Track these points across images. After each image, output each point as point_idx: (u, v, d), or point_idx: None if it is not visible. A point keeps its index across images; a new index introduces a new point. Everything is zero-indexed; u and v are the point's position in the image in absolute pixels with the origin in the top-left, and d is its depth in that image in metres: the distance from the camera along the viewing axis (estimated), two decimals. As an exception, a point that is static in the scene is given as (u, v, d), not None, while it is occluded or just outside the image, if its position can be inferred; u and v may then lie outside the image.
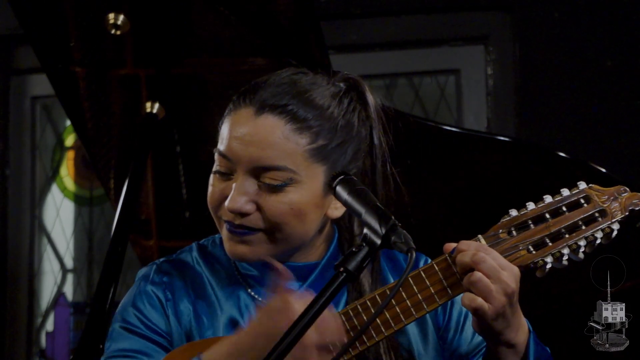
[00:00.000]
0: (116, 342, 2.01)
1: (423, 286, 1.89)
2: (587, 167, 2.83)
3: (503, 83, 4.57)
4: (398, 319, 1.88)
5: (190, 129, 3.11)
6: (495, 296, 1.82)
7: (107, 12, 2.85)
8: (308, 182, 1.94)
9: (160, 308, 2.02)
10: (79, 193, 5.17)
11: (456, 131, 3.09)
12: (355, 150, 2.00)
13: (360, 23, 4.68)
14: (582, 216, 1.89)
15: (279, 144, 1.93)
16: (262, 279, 2.03)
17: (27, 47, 4.19)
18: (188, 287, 2.04)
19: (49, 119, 5.16)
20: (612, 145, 4.34)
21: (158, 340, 2.01)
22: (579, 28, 4.43)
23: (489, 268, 1.83)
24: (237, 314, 2.01)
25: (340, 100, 2.00)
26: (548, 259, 1.88)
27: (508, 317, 1.84)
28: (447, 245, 1.91)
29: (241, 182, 1.94)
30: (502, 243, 1.89)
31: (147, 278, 2.05)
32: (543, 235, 1.88)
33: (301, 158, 1.93)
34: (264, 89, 1.98)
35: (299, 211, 1.94)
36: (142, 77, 2.99)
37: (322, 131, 1.95)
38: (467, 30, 4.64)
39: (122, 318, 2.03)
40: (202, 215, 3.03)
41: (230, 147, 1.95)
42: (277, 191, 1.93)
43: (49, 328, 5.07)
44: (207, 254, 2.09)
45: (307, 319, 1.67)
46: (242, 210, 1.94)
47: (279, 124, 1.93)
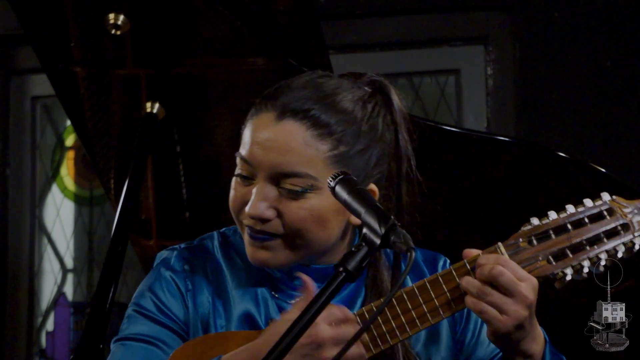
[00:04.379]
0: (132, 325, 2.00)
1: (440, 291, 1.88)
2: (587, 167, 2.82)
3: (503, 83, 4.57)
4: (414, 324, 1.88)
5: (190, 129, 3.10)
6: (511, 308, 1.81)
7: (107, 12, 2.85)
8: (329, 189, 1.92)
9: (179, 297, 2.00)
10: (79, 193, 5.17)
11: (456, 131, 3.08)
12: (380, 155, 1.99)
13: (360, 23, 4.68)
14: (604, 229, 1.87)
15: (299, 150, 1.91)
16: (284, 281, 2.02)
17: (27, 47, 4.19)
18: (208, 277, 2.02)
19: (49, 119, 5.16)
20: (612, 145, 4.34)
21: (174, 327, 1.99)
22: (579, 28, 4.43)
23: (506, 281, 1.82)
24: (253, 307, 2.00)
25: (364, 105, 1.98)
26: (568, 270, 1.87)
27: (525, 328, 1.84)
28: (466, 251, 1.89)
29: (261, 188, 1.93)
30: (521, 252, 1.88)
31: (168, 264, 2.03)
32: (564, 246, 1.87)
33: (322, 164, 1.92)
34: (286, 93, 1.96)
35: (320, 217, 1.92)
36: (142, 77, 2.99)
37: (344, 137, 1.93)
38: (467, 30, 4.64)
39: (138, 302, 2.01)
40: (202, 215, 3.04)
41: (252, 152, 1.94)
42: (298, 197, 1.92)
43: (49, 328, 5.07)
44: (228, 244, 2.07)
45: (307, 318, 1.67)
46: (263, 217, 1.93)
47: (300, 129, 1.92)
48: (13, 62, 5.07)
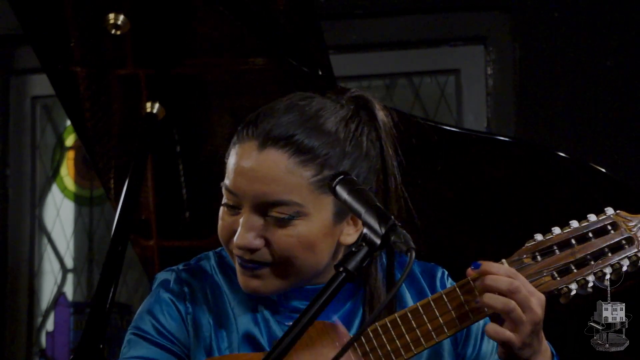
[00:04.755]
0: (132, 349, 1.99)
1: (444, 310, 1.87)
2: (587, 167, 2.82)
3: (503, 83, 4.57)
4: (418, 342, 1.87)
5: (190, 129, 3.10)
6: (526, 326, 1.81)
7: (107, 12, 2.85)
8: (316, 214, 1.91)
9: (179, 320, 2.00)
10: (79, 193, 5.17)
11: (456, 131, 3.08)
12: (367, 173, 1.97)
13: (360, 23, 4.68)
14: (608, 243, 1.87)
15: (283, 179, 1.90)
16: (281, 303, 2.01)
17: (27, 47, 4.19)
18: (208, 299, 2.02)
19: (49, 119, 5.16)
20: (612, 145, 4.34)
21: (175, 350, 1.98)
22: (579, 28, 4.42)
23: (522, 298, 1.81)
24: (254, 328, 1.99)
25: (347, 124, 1.96)
26: (572, 285, 1.87)
27: (534, 345, 1.83)
28: (470, 270, 1.88)
29: (248, 218, 1.92)
30: (526, 268, 1.87)
31: (167, 286, 2.02)
32: (568, 262, 1.87)
33: (307, 191, 1.90)
34: (267, 119, 1.93)
35: (308, 243, 1.91)
36: (142, 77, 2.99)
37: (328, 160, 1.92)
38: (467, 30, 4.64)
39: (137, 326, 2.00)
40: (202, 215, 3.04)
41: (236, 182, 1.92)
42: (285, 225, 1.90)
43: (49, 328, 5.07)
44: (225, 265, 2.06)
45: (307, 318, 1.67)
46: (251, 247, 1.92)
47: (283, 157, 1.90)
48: (13, 62, 5.07)
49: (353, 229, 1.97)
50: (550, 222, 1.96)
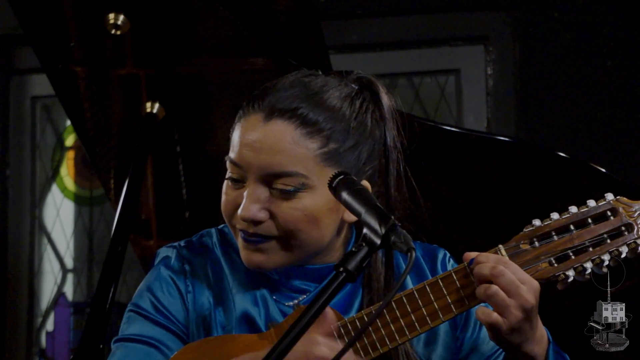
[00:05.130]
0: (131, 325, 1.99)
1: (440, 295, 1.86)
2: (587, 167, 2.82)
3: (503, 83, 4.57)
4: (413, 327, 1.86)
5: (190, 129, 3.10)
6: (512, 311, 1.80)
7: (107, 12, 2.85)
8: (321, 187, 1.90)
9: (179, 298, 1.99)
10: (79, 193, 5.17)
11: (456, 131, 3.08)
12: (370, 151, 1.97)
13: (360, 23, 4.68)
14: (607, 229, 1.85)
15: (289, 150, 1.90)
16: (280, 279, 2.01)
17: (27, 47, 4.19)
18: (209, 276, 2.01)
19: (49, 119, 5.16)
20: (612, 145, 4.34)
21: (173, 328, 1.98)
22: (579, 28, 4.42)
23: (507, 282, 1.80)
24: (252, 308, 1.99)
25: (352, 101, 1.97)
26: (570, 272, 1.85)
27: (526, 331, 1.82)
28: (466, 254, 1.87)
29: (253, 190, 1.91)
30: (523, 254, 1.86)
31: (168, 264, 2.02)
32: (566, 248, 1.85)
33: (313, 162, 1.90)
34: (272, 93, 1.95)
35: (313, 217, 1.91)
36: (142, 77, 2.99)
37: (333, 134, 1.92)
38: (467, 30, 4.64)
39: (136, 303, 2.00)
40: (202, 215, 3.04)
41: (241, 154, 1.93)
42: (290, 197, 1.90)
43: (49, 328, 5.07)
44: (227, 242, 2.05)
45: (307, 318, 1.67)
46: (255, 219, 1.91)
47: (289, 128, 1.90)
48: (13, 62, 5.07)
49: None
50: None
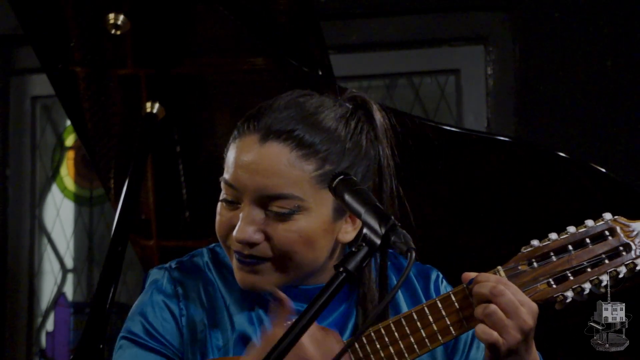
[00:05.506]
0: (125, 352, 1.97)
1: (439, 316, 1.85)
2: (587, 167, 2.82)
3: (503, 83, 4.57)
4: (411, 349, 1.86)
5: (190, 129, 3.10)
6: (510, 332, 1.79)
7: (107, 12, 2.85)
8: (316, 209, 1.91)
9: (173, 322, 1.99)
10: (79, 193, 5.17)
11: (456, 131, 3.08)
12: (365, 172, 1.97)
13: (360, 23, 4.68)
14: (605, 249, 1.85)
15: (284, 172, 1.89)
16: (275, 300, 1.97)
17: (27, 47, 4.19)
18: (202, 297, 2.00)
19: (49, 119, 5.16)
20: (612, 145, 4.34)
21: (168, 354, 1.97)
22: (579, 28, 4.42)
23: (507, 302, 1.79)
24: (249, 328, 1.98)
25: (347, 122, 1.97)
26: (569, 293, 1.85)
27: (522, 354, 1.82)
28: (465, 274, 1.87)
29: (248, 212, 1.91)
30: (521, 275, 1.86)
31: (160, 287, 2.01)
32: (565, 269, 1.85)
33: (308, 185, 1.90)
34: (268, 114, 1.94)
35: (308, 239, 1.91)
36: (142, 77, 2.99)
37: (329, 156, 1.92)
38: (467, 30, 4.64)
39: (129, 329, 1.99)
40: (202, 215, 3.04)
41: (236, 175, 1.92)
42: (285, 219, 1.90)
43: (49, 328, 5.07)
44: (219, 262, 2.04)
45: (306, 318, 1.67)
46: (251, 241, 1.91)
47: (284, 151, 1.90)
48: (13, 62, 5.07)
49: (351, 226, 1.97)
50: (550, 222, 1.96)
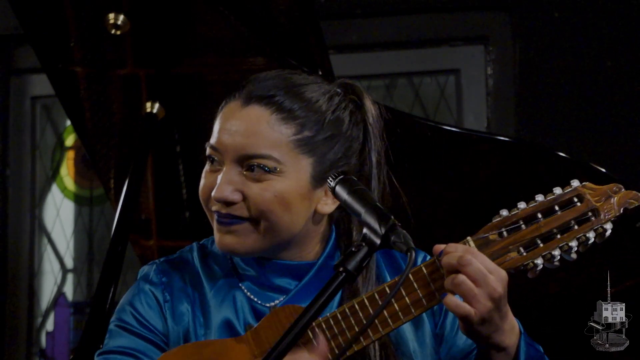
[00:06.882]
0: (113, 339, 2.03)
1: (411, 289, 1.85)
2: (587, 167, 2.82)
3: (503, 83, 4.57)
4: (386, 324, 1.86)
5: (190, 129, 3.11)
6: (480, 300, 1.80)
7: (107, 12, 2.85)
8: (293, 173, 1.95)
9: (157, 308, 2.04)
10: (79, 193, 5.17)
11: (456, 131, 3.09)
12: (346, 148, 2.00)
13: (360, 23, 4.68)
14: (574, 216, 1.84)
15: (263, 133, 1.95)
16: (259, 278, 2.03)
17: (27, 47, 4.19)
18: (187, 287, 2.05)
19: (49, 119, 5.16)
20: (612, 145, 4.34)
21: (153, 339, 2.02)
22: (579, 28, 4.43)
23: (475, 271, 1.80)
24: (232, 315, 2.01)
25: (331, 97, 2.02)
26: (538, 260, 1.84)
27: (496, 322, 1.82)
28: (436, 246, 1.88)
29: (227, 172, 1.98)
30: (491, 245, 1.86)
31: (147, 278, 2.07)
32: (534, 236, 1.84)
33: (286, 148, 1.96)
34: (252, 83, 2.01)
35: (284, 200, 1.95)
36: (142, 77, 2.99)
37: (307, 122, 1.97)
38: (467, 30, 4.64)
39: (119, 317, 2.05)
40: (202, 215, 3.03)
41: (219, 139, 1.99)
42: (262, 179, 1.95)
43: (49, 328, 5.07)
44: (206, 253, 2.10)
45: (306, 318, 1.67)
46: (228, 199, 1.97)
47: (265, 113, 1.96)
48: (13, 62, 5.07)
49: (331, 199, 1.98)
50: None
